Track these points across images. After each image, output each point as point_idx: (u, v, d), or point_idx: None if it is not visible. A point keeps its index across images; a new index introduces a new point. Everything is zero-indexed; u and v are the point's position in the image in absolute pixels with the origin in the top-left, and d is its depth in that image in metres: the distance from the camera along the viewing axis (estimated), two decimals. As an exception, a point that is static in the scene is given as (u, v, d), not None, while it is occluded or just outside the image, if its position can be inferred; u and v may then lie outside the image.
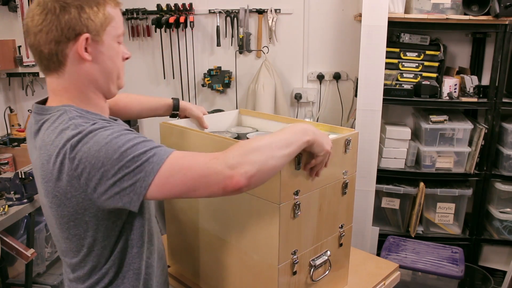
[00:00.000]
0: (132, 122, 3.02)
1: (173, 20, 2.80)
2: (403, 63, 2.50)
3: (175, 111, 1.46)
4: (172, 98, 1.47)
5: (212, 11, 2.87)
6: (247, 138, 1.55)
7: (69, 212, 0.90)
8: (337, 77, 2.87)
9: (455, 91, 2.46)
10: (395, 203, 2.64)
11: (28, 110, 2.64)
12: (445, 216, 2.60)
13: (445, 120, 2.49)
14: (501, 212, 2.53)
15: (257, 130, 1.61)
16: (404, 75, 2.50)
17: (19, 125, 2.51)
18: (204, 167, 0.86)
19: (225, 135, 1.41)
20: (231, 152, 0.88)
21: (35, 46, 0.90)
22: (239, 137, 1.49)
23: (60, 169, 0.86)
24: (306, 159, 1.10)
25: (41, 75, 2.39)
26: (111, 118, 1.01)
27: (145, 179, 0.84)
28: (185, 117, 1.48)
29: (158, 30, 2.89)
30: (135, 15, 2.92)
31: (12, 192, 1.86)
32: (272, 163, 0.91)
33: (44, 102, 0.99)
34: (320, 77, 2.89)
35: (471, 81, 2.49)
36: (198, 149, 1.30)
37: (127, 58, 1.02)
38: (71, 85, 0.94)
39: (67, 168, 0.85)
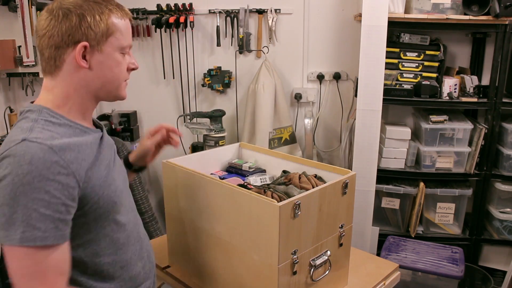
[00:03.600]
0: (131, 122, 3.02)
1: (173, 20, 2.80)
2: (403, 63, 2.50)
3: (129, 167, 1.31)
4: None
5: (212, 11, 2.87)
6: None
7: None
8: (337, 77, 2.87)
9: (455, 91, 2.46)
10: (395, 203, 2.64)
11: (28, 110, 2.63)
12: (445, 216, 2.60)
13: (445, 120, 2.49)
14: (501, 212, 2.53)
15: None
16: (404, 75, 2.50)
17: (19, 125, 2.51)
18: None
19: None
20: None
21: (39, 48, 0.95)
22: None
23: None
24: None
25: (41, 75, 2.39)
26: (94, 124, 1.05)
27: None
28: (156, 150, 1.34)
29: (158, 30, 2.89)
30: (135, 15, 2.92)
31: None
32: None
33: None
34: (320, 77, 2.89)
35: (471, 81, 2.49)
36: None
37: (133, 69, 1.03)
38: (60, 88, 0.95)
39: None
